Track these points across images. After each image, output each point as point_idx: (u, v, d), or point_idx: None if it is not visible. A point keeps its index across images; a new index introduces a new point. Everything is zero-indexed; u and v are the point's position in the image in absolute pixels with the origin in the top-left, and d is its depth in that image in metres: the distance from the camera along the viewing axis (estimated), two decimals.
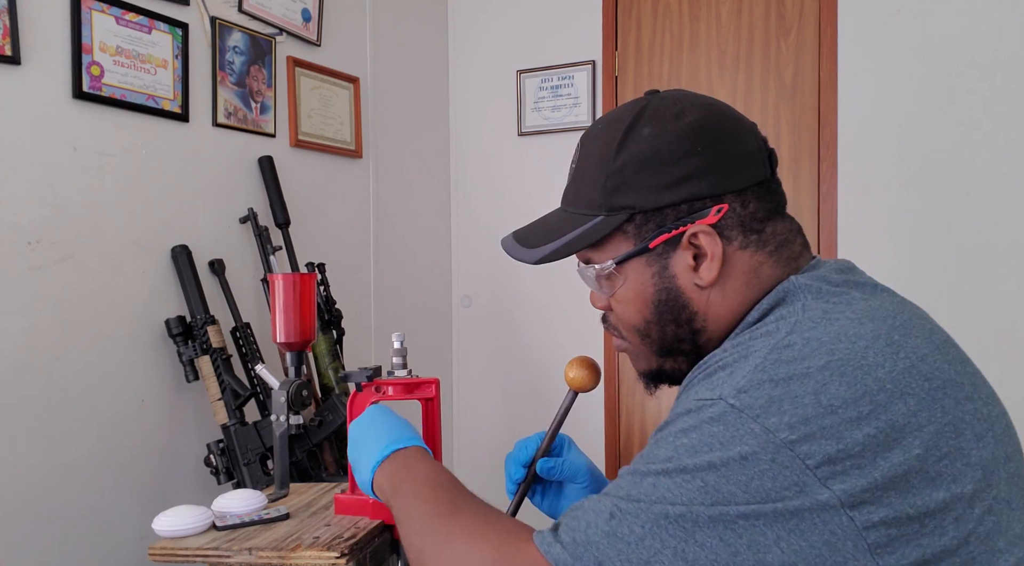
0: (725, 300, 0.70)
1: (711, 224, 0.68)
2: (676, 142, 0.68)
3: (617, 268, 0.72)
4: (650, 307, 0.72)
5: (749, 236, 0.69)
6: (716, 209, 0.68)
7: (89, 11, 1.44)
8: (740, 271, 0.69)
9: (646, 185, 0.69)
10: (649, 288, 0.71)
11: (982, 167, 1.97)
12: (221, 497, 1.04)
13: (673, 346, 0.73)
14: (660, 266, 0.71)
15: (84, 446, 1.43)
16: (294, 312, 1.09)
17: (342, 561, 0.89)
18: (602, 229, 0.71)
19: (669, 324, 0.72)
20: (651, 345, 0.74)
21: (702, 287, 0.69)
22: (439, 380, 1.05)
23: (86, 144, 1.45)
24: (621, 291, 0.73)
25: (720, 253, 0.68)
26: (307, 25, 2.01)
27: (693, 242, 0.68)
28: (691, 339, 0.72)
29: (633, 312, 0.73)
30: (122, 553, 1.49)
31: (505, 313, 2.62)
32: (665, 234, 0.69)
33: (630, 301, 0.73)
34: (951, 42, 1.99)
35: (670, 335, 0.72)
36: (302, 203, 1.96)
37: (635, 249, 0.71)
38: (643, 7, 2.39)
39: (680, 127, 0.69)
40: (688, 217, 0.68)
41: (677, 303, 0.71)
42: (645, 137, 0.69)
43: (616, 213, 0.70)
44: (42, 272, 1.37)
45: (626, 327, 0.75)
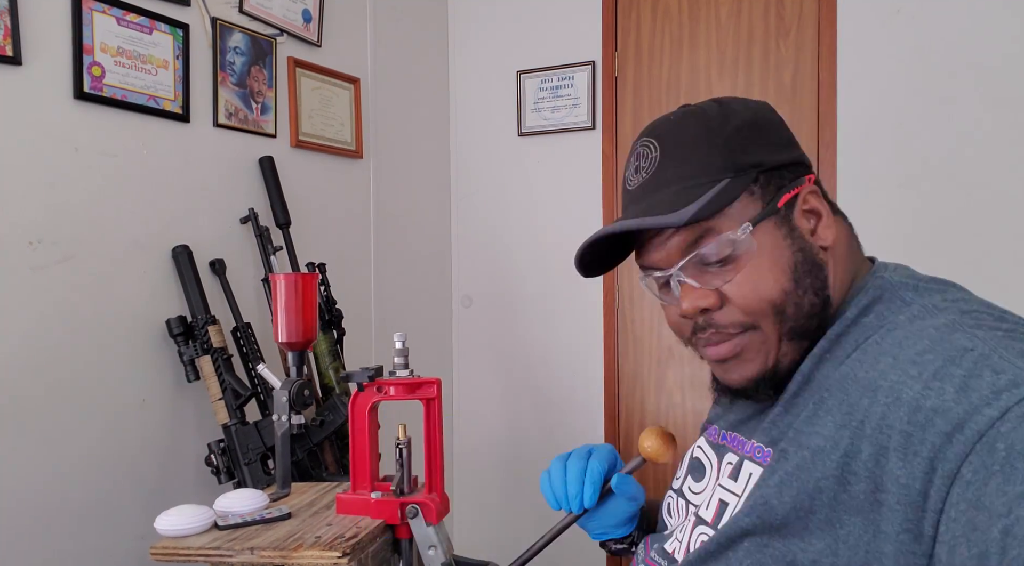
0: (837, 267, 0.70)
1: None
2: (770, 112, 0.72)
3: (751, 233, 0.66)
4: (788, 273, 0.67)
5: (833, 207, 0.72)
6: (808, 177, 0.71)
7: (90, 12, 1.44)
8: (842, 238, 0.71)
9: (766, 144, 0.69)
10: (786, 251, 0.67)
11: (982, 167, 1.97)
12: (223, 497, 1.04)
13: (808, 323, 0.68)
14: (788, 227, 0.68)
15: (85, 446, 1.43)
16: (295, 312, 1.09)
17: (344, 561, 0.89)
18: (735, 189, 0.66)
19: (808, 292, 0.67)
20: (783, 324, 0.67)
21: (825, 248, 0.69)
22: (440, 380, 1.05)
23: (87, 144, 1.45)
24: (754, 261, 0.66)
25: (829, 213, 0.69)
26: (307, 26, 2.01)
27: (804, 206, 0.69)
28: (821, 314, 0.68)
29: (771, 283, 0.66)
30: (123, 553, 1.49)
31: (505, 313, 2.63)
32: (788, 193, 0.68)
33: (765, 271, 0.66)
34: (951, 42, 2.00)
35: (806, 309, 0.67)
36: (303, 203, 1.96)
37: (767, 209, 0.67)
38: (643, 7, 2.39)
39: (762, 104, 0.73)
40: (797, 180, 0.70)
41: (815, 264, 0.68)
42: (740, 110, 0.71)
43: (743, 173, 0.67)
44: (43, 272, 1.38)
45: (756, 308, 0.67)
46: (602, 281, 2.44)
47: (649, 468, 2.39)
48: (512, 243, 2.59)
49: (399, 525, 1.02)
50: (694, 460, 0.84)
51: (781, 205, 0.67)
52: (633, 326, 2.42)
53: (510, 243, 2.59)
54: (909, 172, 2.05)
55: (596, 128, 2.45)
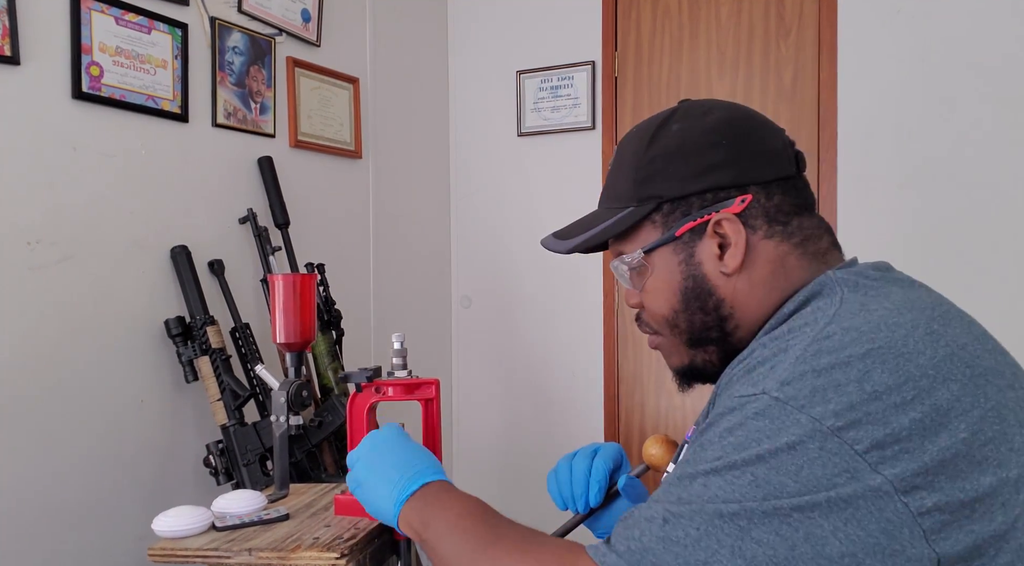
0: (752, 289, 0.72)
1: (736, 213, 0.70)
2: (703, 135, 0.72)
3: (646, 257, 0.74)
4: (677, 295, 0.74)
5: (774, 227, 0.71)
6: (740, 199, 0.71)
7: (89, 11, 1.44)
8: (765, 260, 0.71)
9: (673, 175, 0.72)
10: (676, 276, 0.73)
11: (982, 167, 1.97)
12: (221, 498, 1.04)
13: (702, 336, 0.74)
14: (687, 254, 0.73)
15: (83, 446, 1.43)
16: (294, 312, 1.09)
17: (342, 562, 0.88)
18: (631, 218, 0.74)
19: (697, 312, 0.73)
20: (680, 336, 0.75)
21: (727, 275, 0.71)
22: (439, 381, 1.05)
23: (86, 144, 1.45)
24: (650, 282, 0.75)
25: (744, 241, 0.70)
26: (307, 25, 2.00)
27: (718, 230, 0.71)
28: (719, 327, 0.73)
29: (662, 302, 0.75)
30: (121, 553, 1.48)
31: (505, 313, 2.62)
32: (691, 222, 0.72)
33: (659, 291, 0.75)
34: (951, 42, 1.99)
35: (698, 324, 0.74)
36: (302, 203, 1.96)
37: (662, 237, 0.73)
38: (643, 8, 2.39)
39: (707, 122, 0.73)
40: (713, 206, 0.71)
41: (703, 290, 0.73)
42: (674, 132, 0.73)
43: (645, 203, 0.73)
44: (42, 272, 1.37)
45: (657, 320, 0.77)
46: (602, 282, 2.44)
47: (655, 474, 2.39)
48: (512, 243, 2.59)
49: None
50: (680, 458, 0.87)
51: (680, 234, 0.72)
52: (633, 326, 2.42)
53: (510, 243, 2.59)
54: (909, 172, 2.05)
55: (596, 128, 2.44)
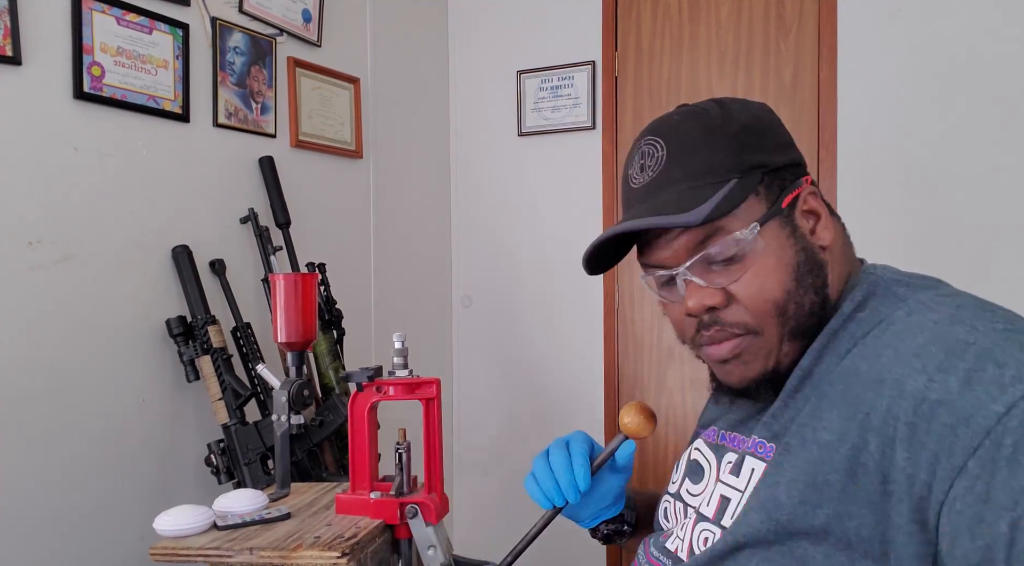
0: (835, 266, 0.72)
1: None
2: (769, 113, 0.73)
3: (759, 233, 0.67)
4: (790, 273, 0.68)
5: (829, 207, 0.73)
6: (806, 178, 0.72)
7: (90, 12, 1.44)
8: (837, 236, 0.72)
9: (770, 144, 0.71)
10: (789, 251, 0.68)
11: (982, 167, 1.97)
12: (222, 497, 1.04)
13: (806, 322, 0.69)
14: (792, 227, 0.69)
15: (85, 446, 1.43)
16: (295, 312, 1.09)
17: (343, 561, 0.89)
18: (742, 190, 0.67)
19: (809, 291, 0.68)
20: (785, 324, 0.68)
21: (824, 247, 0.71)
22: (440, 380, 1.05)
23: (87, 144, 1.45)
24: (760, 261, 0.67)
25: (828, 215, 0.71)
26: (307, 26, 2.01)
27: (803, 207, 0.71)
28: (820, 312, 0.69)
29: (775, 283, 0.68)
30: (123, 553, 1.49)
31: (505, 313, 2.63)
32: (790, 193, 0.70)
33: (770, 270, 0.67)
34: (950, 42, 1.99)
35: (807, 307, 0.68)
36: (302, 203, 1.96)
37: (772, 209, 0.68)
38: (643, 8, 2.39)
39: (761, 105, 0.74)
40: (797, 181, 0.71)
41: (816, 264, 0.69)
42: (739, 110, 0.72)
43: (749, 173, 0.68)
44: (43, 272, 1.37)
45: (761, 310, 0.68)
46: (602, 281, 2.44)
47: (648, 470, 2.39)
48: (512, 243, 2.59)
49: (398, 525, 1.02)
50: (692, 463, 0.83)
51: (785, 205, 0.69)
52: (633, 326, 2.42)
53: (510, 243, 2.59)
54: (909, 172, 2.05)
55: (596, 128, 2.44)
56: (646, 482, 2.41)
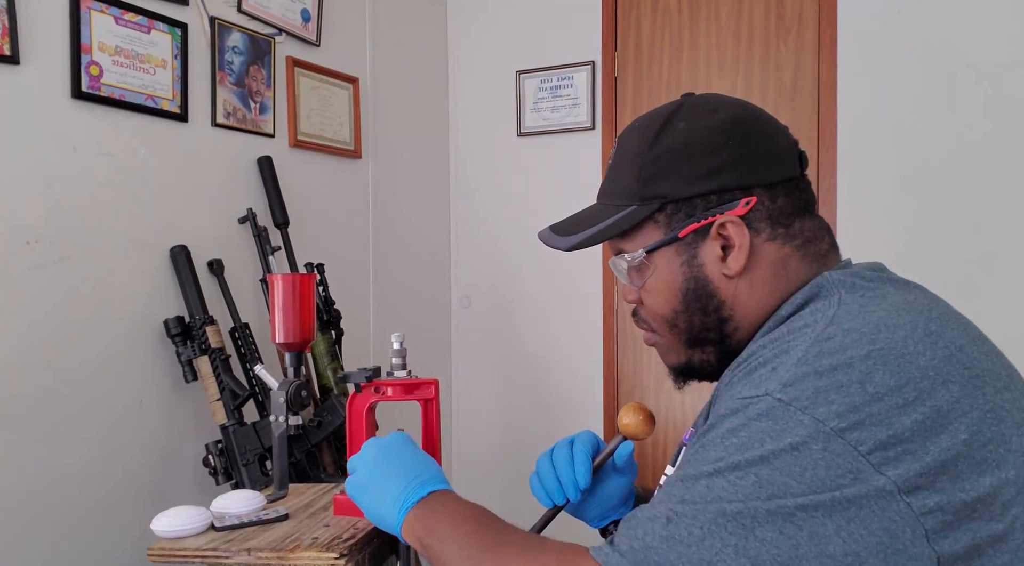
0: (752, 291, 0.72)
1: (740, 215, 0.70)
2: (709, 135, 0.72)
3: (647, 257, 0.74)
4: (678, 296, 0.73)
5: (777, 229, 0.71)
6: (745, 201, 0.71)
7: (88, 11, 1.44)
8: (767, 262, 0.72)
9: (678, 175, 0.72)
10: (678, 277, 0.73)
11: (981, 168, 1.97)
12: (220, 498, 1.04)
13: (701, 336, 0.74)
14: (689, 255, 0.73)
15: (82, 446, 1.43)
16: (293, 312, 1.08)
17: (341, 562, 0.88)
18: (634, 217, 0.73)
19: (696, 314, 0.73)
20: (679, 335, 0.75)
21: (729, 277, 0.72)
22: (438, 381, 1.05)
23: (85, 144, 1.45)
24: (651, 281, 0.75)
25: (747, 243, 0.70)
26: (306, 25, 2.00)
27: (721, 232, 0.71)
28: (718, 329, 0.73)
29: (662, 302, 0.75)
30: (120, 553, 1.48)
31: (505, 313, 2.62)
32: (694, 223, 0.71)
33: (660, 291, 0.74)
34: (951, 43, 1.99)
35: (697, 325, 0.74)
36: (301, 203, 1.96)
37: (665, 238, 0.73)
38: (643, 8, 2.39)
39: (713, 122, 0.72)
40: (717, 208, 0.71)
41: (705, 292, 0.73)
42: (680, 130, 0.73)
43: (649, 202, 0.73)
44: (41, 272, 1.37)
45: (655, 318, 0.77)
46: (601, 282, 2.44)
47: (648, 470, 2.38)
48: (511, 243, 2.59)
49: None
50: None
51: (683, 235, 0.72)
52: (633, 326, 2.42)
53: (509, 243, 2.59)
54: (909, 172, 2.05)
55: (596, 128, 2.44)
56: (646, 482, 2.40)
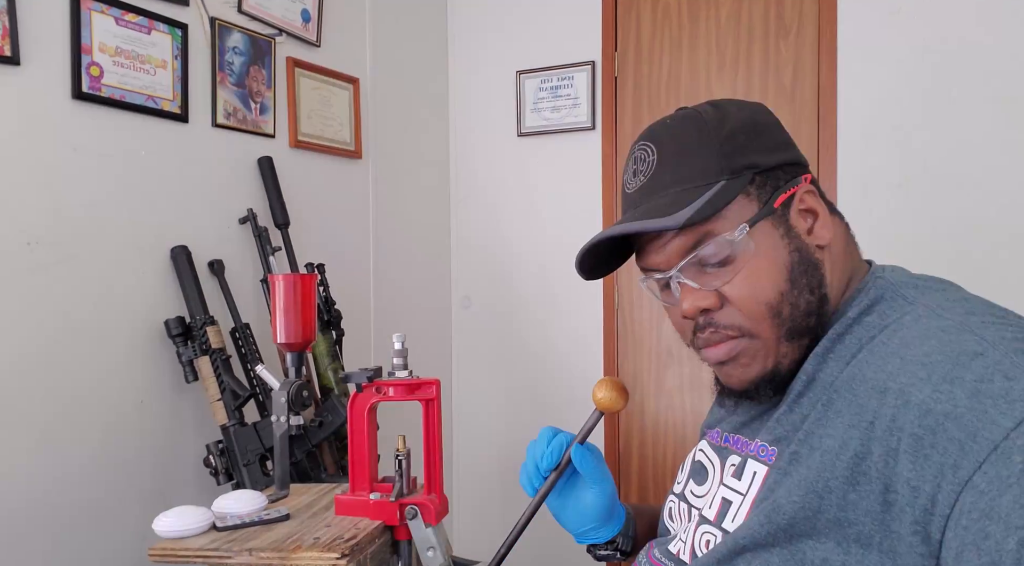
0: (835, 265, 0.71)
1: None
2: (766, 114, 0.74)
3: (749, 234, 0.67)
4: (784, 274, 0.68)
5: (830, 206, 0.73)
6: (805, 177, 0.72)
7: (88, 12, 1.44)
8: (838, 235, 0.72)
9: (761, 146, 0.70)
10: (782, 251, 0.68)
11: (982, 168, 1.97)
12: (221, 498, 1.04)
13: (804, 323, 0.68)
14: (785, 227, 0.69)
15: (83, 446, 1.43)
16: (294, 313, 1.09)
17: (343, 562, 0.88)
18: (730, 191, 0.67)
19: (804, 292, 0.68)
20: (781, 326, 0.68)
21: (822, 247, 0.70)
22: (440, 381, 1.05)
23: (85, 145, 1.45)
24: (752, 262, 0.67)
25: (826, 212, 0.70)
26: (307, 26, 2.00)
27: (800, 206, 0.70)
28: (819, 310, 0.69)
29: (768, 284, 0.67)
30: (122, 554, 1.48)
31: (505, 314, 2.62)
32: (783, 193, 0.69)
33: (762, 271, 0.67)
34: (951, 42, 1.99)
35: (803, 307, 0.68)
36: (302, 204, 1.96)
37: (764, 210, 0.68)
38: (643, 8, 2.39)
39: (756, 106, 0.74)
40: (793, 180, 0.71)
41: (811, 264, 0.69)
42: (734, 113, 0.72)
43: (739, 175, 0.68)
44: (41, 273, 1.37)
45: (755, 311, 0.68)
46: (602, 282, 2.44)
47: (648, 471, 2.38)
48: (512, 243, 2.59)
49: (398, 526, 1.02)
50: (696, 464, 0.84)
51: (777, 205, 0.68)
52: (633, 326, 2.42)
53: (510, 243, 2.59)
54: (909, 172, 2.05)
55: (596, 128, 2.44)
56: (646, 481, 2.40)
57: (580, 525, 0.89)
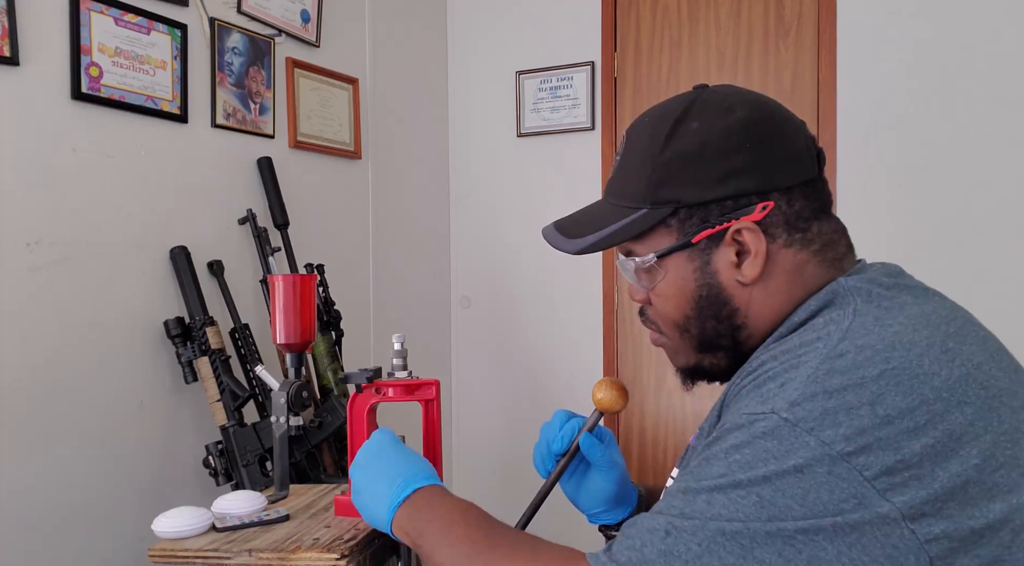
0: (768, 298, 0.70)
1: (756, 221, 0.67)
2: (724, 138, 0.68)
3: (658, 262, 0.71)
4: (690, 303, 0.71)
5: (794, 235, 0.69)
6: (761, 206, 0.68)
7: (88, 12, 1.44)
8: (783, 269, 0.69)
9: (692, 180, 0.68)
10: (690, 283, 0.71)
11: (981, 167, 1.97)
12: (221, 498, 1.04)
13: (713, 342, 0.72)
14: (702, 261, 0.70)
15: (83, 447, 1.43)
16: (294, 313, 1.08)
17: (342, 562, 0.88)
18: (645, 222, 0.70)
19: (709, 320, 0.71)
20: (690, 340, 0.73)
21: (744, 284, 0.69)
22: (439, 381, 1.05)
23: (85, 145, 1.45)
24: (661, 285, 0.72)
25: (764, 250, 0.68)
26: (306, 26, 2.00)
27: (737, 238, 0.68)
28: (731, 335, 0.71)
29: (673, 307, 0.73)
30: (121, 554, 1.48)
31: (505, 314, 2.62)
32: (708, 229, 0.69)
33: (670, 296, 0.72)
34: (950, 42, 1.99)
35: (710, 331, 0.72)
36: (301, 204, 1.96)
37: (677, 244, 0.70)
38: (642, 8, 2.39)
39: (729, 123, 0.69)
40: (733, 213, 0.68)
41: (718, 299, 0.70)
42: (693, 131, 0.69)
43: (660, 206, 0.70)
44: (41, 273, 1.37)
45: (665, 322, 0.75)
46: (601, 282, 2.44)
47: (648, 471, 2.38)
48: (511, 244, 2.59)
49: None
50: None
51: (696, 241, 0.69)
52: (633, 326, 2.42)
53: (509, 244, 2.59)
54: (909, 172, 2.05)
55: (595, 128, 2.44)
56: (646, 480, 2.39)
57: (591, 507, 0.93)
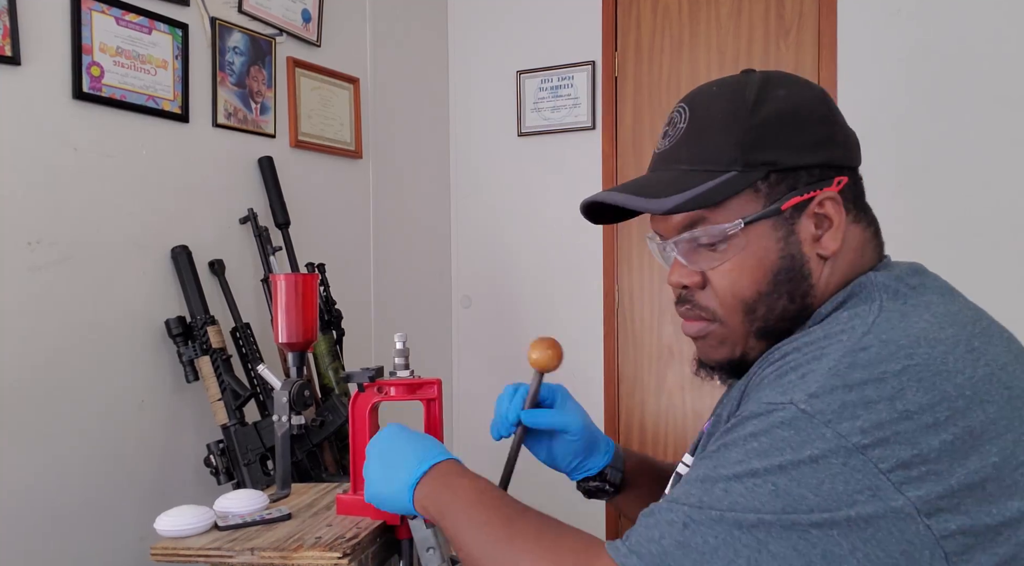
0: (833, 276, 0.69)
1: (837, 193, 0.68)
2: (816, 105, 0.69)
3: (743, 230, 0.67)
4: (768, 276, 0.68)
5: (859, 213, 0.70)
6: (838, 180, 0.68)
7: (89, 12, 1.44)
8: (851, 246, 0.69)
9: (788, 143, 0.67)
10: (772, 254, 0.67)
11: (981, 168, 1.97)
12: (223, 497, 1.04)
13: (776, 326, 0.69)
14: (787, 231, 0.67)
15: (84, 447, 1.43)
16: (296, 312, 1.09)
17: (344, 561, 0.88)
18: (737, 184, 0.66)
19: (783, 298, 0.68)
20: (752, 323, 0.69)
21: (824, 258, 0.68)
22: (441, 381, 1.05)
23: (86, 145, 1.45)
24: (738, 257, 0.68)
25: (844, 223, 0.67)
26: (307, 26, 2.00)
27: (818, 210, 0.67)
28: (795, 318, 0.68)
29: (748, 282, 0.68)
30: (123, 553, 1.48)
31: (505, 313, 2.62)
32: (797, 197, 0.66)
33: (746, 269, 0.68)
34: (950, 42, 1.99)
35: (778, 311, 0.68)
36: (302, 203, 1.96)
37: (767, 209, 0.67)
38: (643, 7, 2.39)
39: (815, 92, 0.70)
40: (818, 183, 0.67)
41: (799, 274, 0.68)
42: (783, 97, 0.68)
43: (752, 169, 0.66)
44: (42, 273, 1.37)
45: (728, 303, 0.69)
46: (602, 282, 2.44)
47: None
48: (512, 243, 2.59)
49: (399, 526, 1.01)
50: None
51: (785, 208, 0.67)
52: (633, 326, 2.42)
53: (510, 243, 2.59)
54: (909, 172, 2.05)
55: (596, 128, 2.44)
56: None
57: (566, 464, 0.94)
